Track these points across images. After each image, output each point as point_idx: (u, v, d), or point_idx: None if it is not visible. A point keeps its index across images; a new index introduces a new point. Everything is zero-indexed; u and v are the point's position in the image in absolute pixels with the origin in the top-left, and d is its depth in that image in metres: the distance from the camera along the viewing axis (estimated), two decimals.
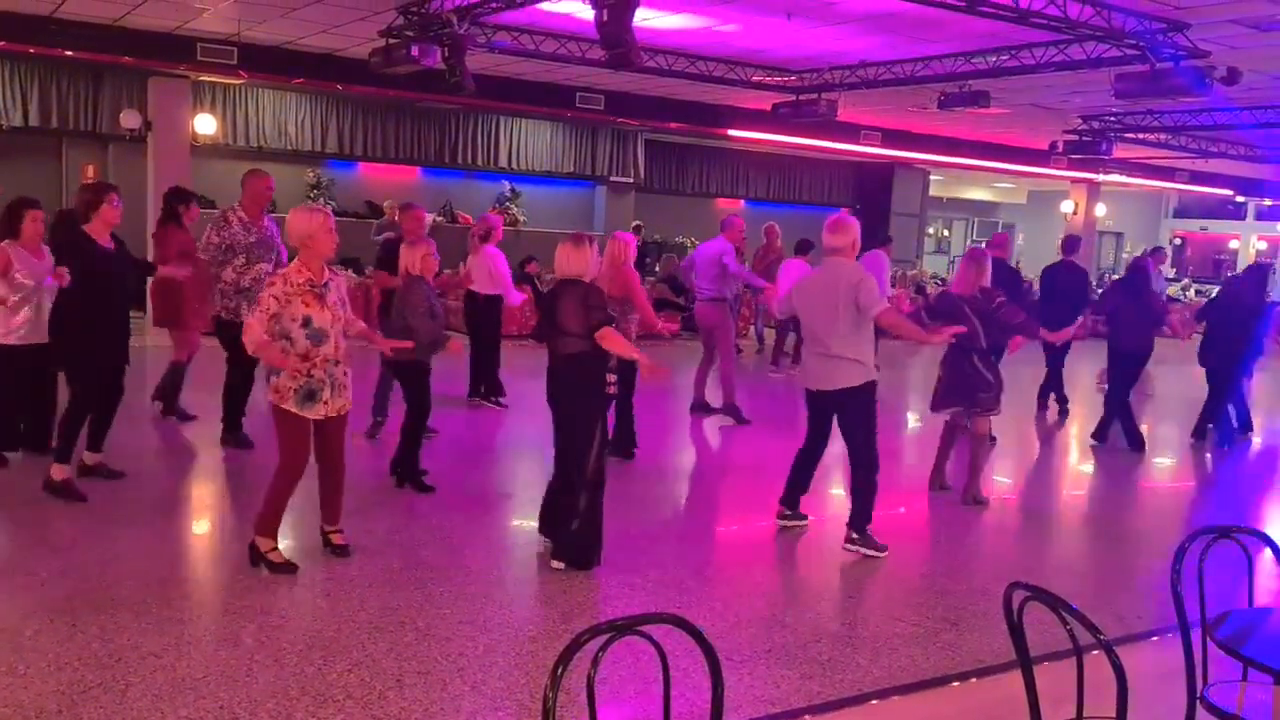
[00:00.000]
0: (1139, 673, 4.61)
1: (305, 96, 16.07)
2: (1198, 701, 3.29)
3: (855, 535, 6.24)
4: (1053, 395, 11.38)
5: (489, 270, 9.50)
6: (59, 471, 6.23)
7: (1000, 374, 7.44)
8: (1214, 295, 11.29)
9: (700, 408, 10.17)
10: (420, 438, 7.03)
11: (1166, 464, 9.85)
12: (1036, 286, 15.67)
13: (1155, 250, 14.21)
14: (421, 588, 5.16)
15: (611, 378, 5.78)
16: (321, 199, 16.59)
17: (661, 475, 7.99)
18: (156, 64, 12.96)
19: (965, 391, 7.33)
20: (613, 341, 5.46)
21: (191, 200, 8.50)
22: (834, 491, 7.55)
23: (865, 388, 6.14)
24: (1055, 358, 11.14)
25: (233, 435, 7.73)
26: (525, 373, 10.29)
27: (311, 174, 16.91)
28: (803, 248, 12.38)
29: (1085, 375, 13.25)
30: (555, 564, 5.58)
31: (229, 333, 7.19)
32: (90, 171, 14.86)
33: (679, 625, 2.44)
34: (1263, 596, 3.51)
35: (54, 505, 6.10)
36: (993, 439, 8.67)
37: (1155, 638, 5.07)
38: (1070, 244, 11.53)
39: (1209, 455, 10.13)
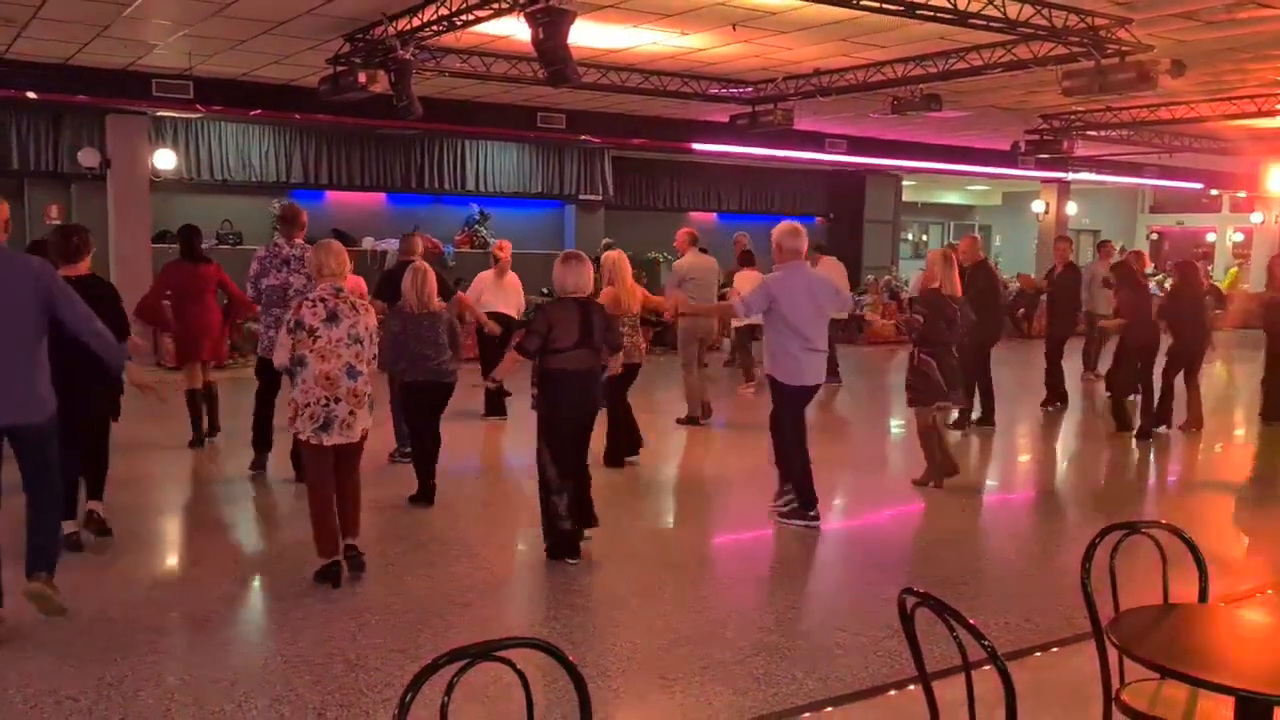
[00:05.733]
0: (1070, 675, 4.58)
1: (267, 127, 16.02)
2: (1113, 703, 3.23)
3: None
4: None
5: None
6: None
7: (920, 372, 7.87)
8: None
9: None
10: None
11: (1122, 459, 9.82)
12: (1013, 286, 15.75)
13: (1102, 244, 14.21)
14: (356, 617, 5.09)
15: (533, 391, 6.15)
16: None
17: (615, 490, 7.87)
18: (112, 101, 12.92)
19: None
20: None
21: None
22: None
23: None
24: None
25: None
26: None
27: (277, 205, 16.82)
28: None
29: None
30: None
31: None
32: (54, 212, 14.80)
33: (542, 649, 2.37)
34: (1178, 590, 3.44)
35: None
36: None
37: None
38: None
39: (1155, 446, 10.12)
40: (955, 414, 9.74)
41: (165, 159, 14.63)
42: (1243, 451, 10.57)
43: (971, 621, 2.61)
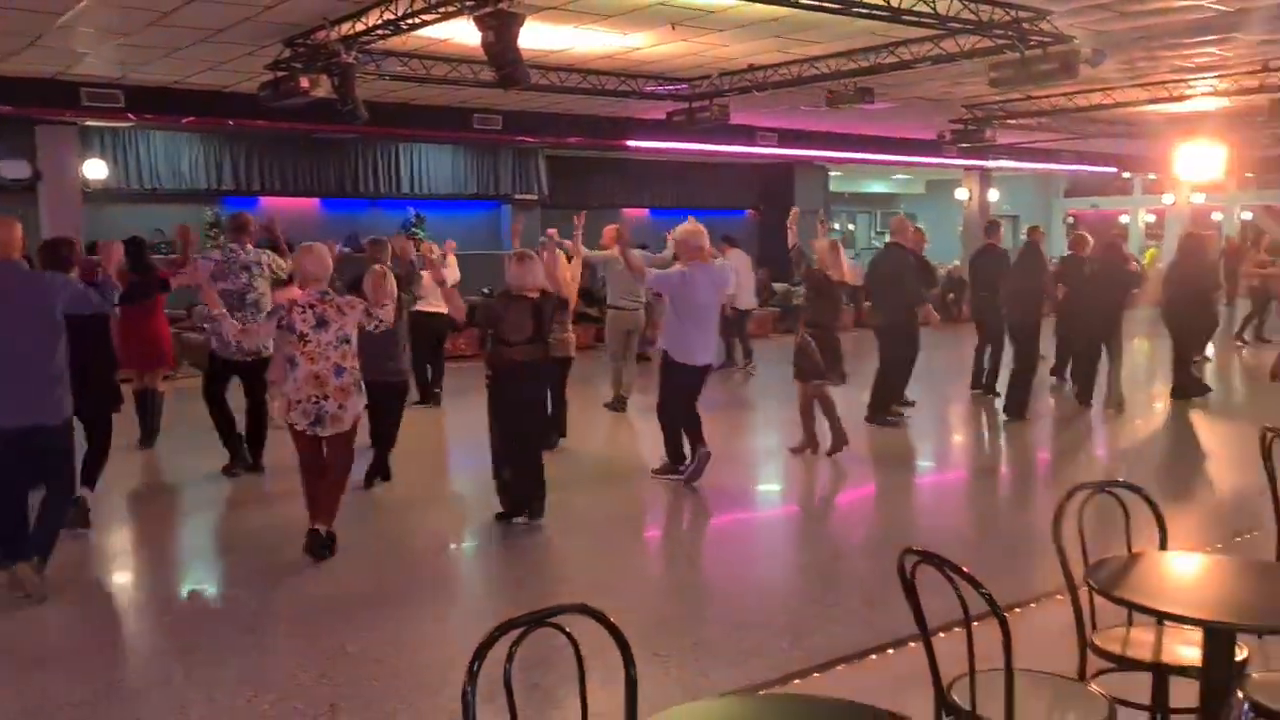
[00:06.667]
0: (1045, 627, 4.88)
1: (198, 134, 15.84)
2: (1088, 648, 3.51)
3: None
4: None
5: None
6: None
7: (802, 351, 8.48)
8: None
9: None
10: None
11: (1047, 430, 10.30)
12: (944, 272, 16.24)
13: (1033, 229, 14.73)
14: (348, 613, 5.20)
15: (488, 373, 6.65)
16: (222, 237, 16.35)
17: (580, 479, 8.05)
18: (41, 111, 12.71)
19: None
20: None
21: None
22: (762, 487, 7.77)
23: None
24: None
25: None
26: None
27: (210, 212, 16.64)
28: None
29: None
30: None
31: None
32: None
33: (586, 613, 2.56)
34: (1139, 542, 3.74)
35: None
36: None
37: (1060, 595, 5.34)
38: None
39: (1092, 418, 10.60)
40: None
41: (96, 169, 14.41)
42: (1157, 425, 11.09)
43: (966, 569, 2.84)
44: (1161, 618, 3.17)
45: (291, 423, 5.80)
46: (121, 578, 6.15)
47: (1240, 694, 2.68)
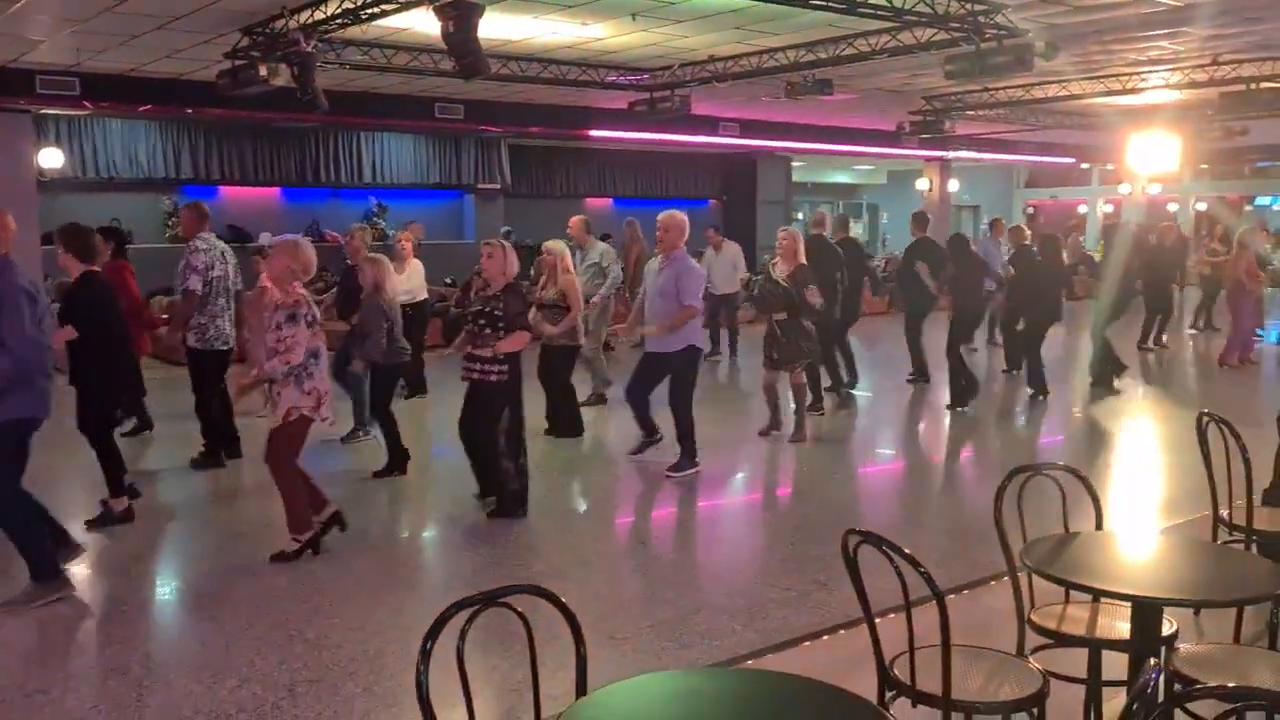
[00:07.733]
0: (992, 606, 5.02)
1: (155, 122, 15.70)
2: (1026, 624, 3.63)
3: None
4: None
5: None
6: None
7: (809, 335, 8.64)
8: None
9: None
10: None
11: (1000, 418, 10.48)
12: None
13: (994, 222, 14.96)
14: (308, 601, 5.24)
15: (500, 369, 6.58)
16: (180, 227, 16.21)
17: (544, 466, 8.11)
18: None
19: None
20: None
21: None
22: (723, 474, 7.86)
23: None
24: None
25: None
26: None
27: (167, 201, 16.51)
28: None
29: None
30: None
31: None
32: None
33: (539, 594, 2.64)
34: (1080, 523, 3.86)
35: None
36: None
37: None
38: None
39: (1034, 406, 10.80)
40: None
41: (51, 158, 14.26)
42: (1104, 412, 11.30)
43: (907, 551, 2.95)
44: (1096, 594, 3.29)
45: (324, 417, 5.79)
46: (79, 567, 6.10)
47: (1152, 661, 2.79)
